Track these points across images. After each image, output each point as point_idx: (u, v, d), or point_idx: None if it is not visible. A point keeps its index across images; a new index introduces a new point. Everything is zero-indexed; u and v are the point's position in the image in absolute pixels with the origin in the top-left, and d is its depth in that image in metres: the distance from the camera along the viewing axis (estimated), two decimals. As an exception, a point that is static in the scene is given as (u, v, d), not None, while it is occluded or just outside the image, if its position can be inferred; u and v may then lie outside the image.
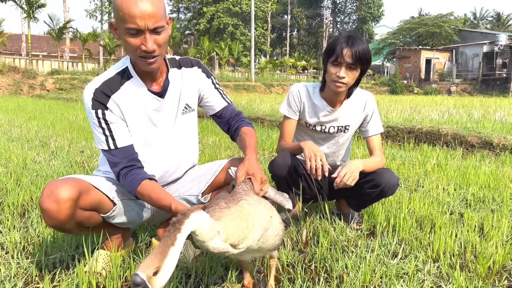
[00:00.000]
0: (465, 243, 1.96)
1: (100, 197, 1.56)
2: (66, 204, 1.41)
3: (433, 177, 3.28)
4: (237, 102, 12.01)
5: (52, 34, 25.96)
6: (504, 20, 52.75)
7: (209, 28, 38.71)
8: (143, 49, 1.44)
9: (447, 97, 23.49)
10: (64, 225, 1.46)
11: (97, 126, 1.56)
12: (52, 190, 1.41)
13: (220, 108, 1.83)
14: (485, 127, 6.02)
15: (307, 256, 1.83)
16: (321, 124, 2.21)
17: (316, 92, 2.19)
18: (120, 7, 1.40)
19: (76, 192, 1.44)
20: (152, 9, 1.41)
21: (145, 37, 1.43)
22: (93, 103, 1.54)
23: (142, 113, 1.63)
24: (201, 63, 1.80)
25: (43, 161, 3.73)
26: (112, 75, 1.60)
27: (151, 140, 1.67)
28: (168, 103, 1.67)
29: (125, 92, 1.59)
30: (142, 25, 1.40)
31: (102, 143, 1.56)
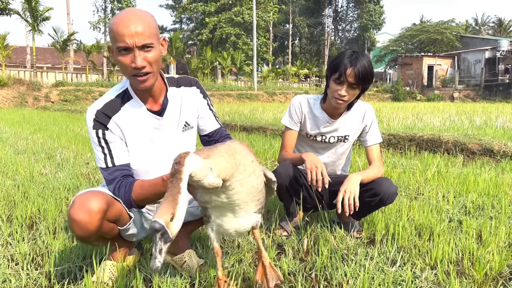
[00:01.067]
0: (463, 250, 2.00)
1: (121, 209, 1.63)
2: (97, 215, 1.48)
3: (433, 185, 3.33)
4: (240, 111, 12.10)
5: (56, 46, 26.26)
6: (505, 26, 52.82)
7: (212, 38, 39.00)
8: (133, 67, 1.51)
9: (450, 103, 23.51)
10: (91, 236, 1.52)
11: (97, 145, 1.63)
12: (83, 202, 1.48)
13: (211, 130, 1.88)
14: (487, 134, 6.05)
15: (307, 265, 1.88)
16: (322, 135, 2.27)
17: (317, 104, 2.25)
18: (112, 29, 1.50)
19: (106, 204, 1.51)
20: (141, 28, 1.48)
21: (134, 54, 1.50)
22: (94, 123, 1.63)
23: (142, 132, 1.69)
24: (199, 83, 1.87)
25: (50, 174, 3.80)
26: (113, 97, 1.68)
27: (152, 158, 1.73)
28: (167, 121, 1.73)
29: (125, 113, 1.66)
30: (131, 43, 1.48)
31: (101, 161, 1.63)
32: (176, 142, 1.77)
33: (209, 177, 1.20)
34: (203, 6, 39.19)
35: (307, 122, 2.27)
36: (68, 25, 30.95)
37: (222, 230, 1.48)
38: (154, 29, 1.54)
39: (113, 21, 1.51)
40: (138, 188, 1.56)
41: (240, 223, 1.46)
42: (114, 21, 1.51)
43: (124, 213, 1.66)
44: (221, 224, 1.46)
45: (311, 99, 2.29)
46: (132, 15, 1.50)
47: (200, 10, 39.69)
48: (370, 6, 46.95)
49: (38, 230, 2.28)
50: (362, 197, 2.07)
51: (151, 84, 1.60)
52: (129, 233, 1.75)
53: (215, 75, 32.45)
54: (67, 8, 31.52)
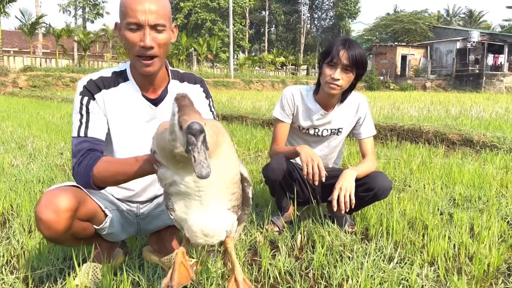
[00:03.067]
0: (458, 245, 1.97)
1: (96, 207, 1.50)
2: (66, 214, 1.35)
3: (419, 176, 3.31)
4: (218, 99, 11.92)
5: (24, 29, 25.18)
6: (476, 17, 54.13)
7: (187, 23, 38.29)
8: (141, 45, 1.41)
9: (423, 92, 23.97)
10: (61, 236, 1.39)
11: (77, 112, 1.50)
12: (51, 199, 1.35)
13: None
14: (464, 124, 6.15)
15: (303, 263, 1.81)
16: (315, 127, 2.18)
17: (309, 95, 2.16)
18: (123, 2, 1.40)
19: (76, 202, 1.38)
20: (155, 6, 1.40)
21: (144, 32, 1.40)
22: (83, 89, 1.52)
23: (131, 117, 1.56)
24: (204, 83, 1.76)
25: (21, 165, 3.59)
26: (109, 74, 1.57)
27: (140, 150, 1.55)
28: (161, 113, 1.60)
29: (117, 91, 1.55)
30: (143, 20, 1.38)
31: (74, 130, 1.49)
32: None
33: None
34: (178, -9, 38.37)
35: (299, 114, 2.18)
36: (36, 8, 29.73)
37: (186, 230, 1.21)
38: (168, 10, 1.46)
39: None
40: (104, 163, 1.38)
41: (208, 220, 1.17)
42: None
43: (99, 211, 1.54)
44: (185, 219, 1.18)
45: (304, 90, 2.20)
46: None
47: (174, -6, 38.84)
48: (346, -6, 47.13)
49: (12, 228, 2.12)
50: (356, 192, 2.00)
51: (155, 70, 1.49)
52: (106, 233, 1.62)
53: (191, 62, 31.91)
54: (35, -10, 30.20)
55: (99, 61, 27.36)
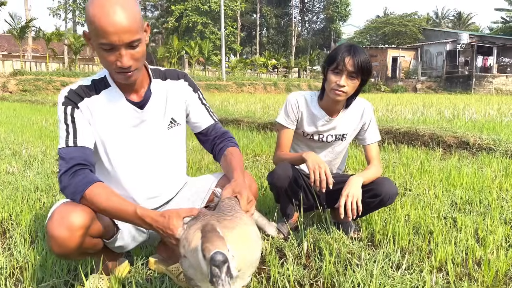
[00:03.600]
0: (466, 251, 1.97)
1: (108, 222, 1.47)
2: (79, 232, 1.31)
3: (419, 180, 3.32)
4: (211, 102, 11.88)
5: (14, 33, 24.90)
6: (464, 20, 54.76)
7: (178, 26, 38.20)
8: (118, 65, 1.35)
9: (415, 95, 24.14)
10: (71, 253, 1.35)
11: (62, 123, 1.45)
12: (63, 216, 1.30)
13: (206, 126, 1.72)
14: (458, 126, 6.19)
15: (312, 271, 1.79)
16: (319, 133, 2.17)
17: (314, 101, 2.15)
18: (92, 20, 1.29)
19: (89, 219, 1.34)
20: (127, 23, 1.29)
21: (120, 53, 1.33)
22: (65, 100, 1.46)
23: (119, 124, 1.52)
24: (188, 76, 1.71)
25: (17, 172, 3.53)
26: (89, 82, 1.51)
27: (131, 156, 1.55)
28: (148, 115, 1.56)
29: (101, 99, 1.49)
30: (117, 41, 1.30)
31: (62, 141, 1.43)
32: (161, 140, 1.61)
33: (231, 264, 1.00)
34: (169, -6, 38.28)
35: (304, 120, 2.17)
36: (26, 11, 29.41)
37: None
38: (139, 20, 1.36)
39: (93, 11, 1.29)
40: (102, 193, 1.34)
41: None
42: (94, 11, 1.28)
43: (111, 226, 1.50)
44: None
45: (308, 96, 2.19)
46: (117, 7, 1.28)
47: (165, -3, 38.76)
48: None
49: (12, 239, 2.08)
50: (362, 198, 1.99)
51: (136, 78, 1.45)
52: (116, 245, 1.59)
53: (182, 65, 31.82)
54: (24, -7, 29.91)
55: (90, 65, 27.16)
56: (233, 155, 1.63)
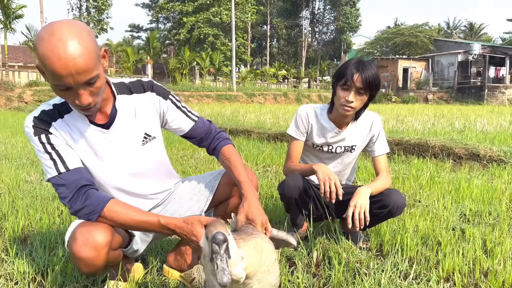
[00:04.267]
0: (473, 262, 2.00)
1: (123, 233, 1.54)
2: (104, 249, 1.36)
3: (428, 191, 3.35)
4: (222, 113, 12.01)
5: (30, 44, 25.52)
6: (476, 30, 54.51)
7: (190, 38, 38.68)
8: (77, 104, 1.29)
9: (426, 105, 24.04)
10: (99, 270, 1.41)
11: (43, 153, 1.40)
12: (87, 237, 1.33)
13: (188, 129, 1.68)
14: (469, 137, 6.18)
15: (321, 280, 1.84)
16: (328, 145, 2.24)
17: (324, 114, 2.22)
18: (43, 61, 1.19)
19: (110, 235, 1.39)
20: (82, 63, 1.20)
21: (77, 92, 1.26)
22: (35, 130, 1.41)
23: (86, 147, 1.48)
24: (154, 85, 1.61)
25: (35, 181, 3.65)
26: (51, 107, 1.46)
27: (103, 176, 1.53)
28: (116, 134, 1.51)
29: (65, 123, 1.45)
30: (72, 82, 1.22)
31: (50, 169, 1.39)
32: (135, 157, 1.57)
33: (238, 267, 1.09)
34: (181, 6, 38.85)
35: (313, 132, 2.23)
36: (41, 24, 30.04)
37: None
38: (95, 54, 1.25)
39: (43, 50, 1.18)
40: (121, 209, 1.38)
41: None
42: (44, 51, 1.18)
43: (125, 235, 1.57)
44: None
45: (318, 108, 2.26)
46: (68, 46, 1.18)
47: (177, 9, 39.33)
48: (347, 8, 47.66)
49: (33, 245, 2.16)
50: (370, 209, 2.03)
51: (97, 109, 1.39)
52: (132, 251, 1.67)
53: (193, 75, 32.18)
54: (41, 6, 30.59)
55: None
56: (230, 160, 1.63)
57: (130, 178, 1.59)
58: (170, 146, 5.99)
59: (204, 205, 1.74)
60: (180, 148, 5.90)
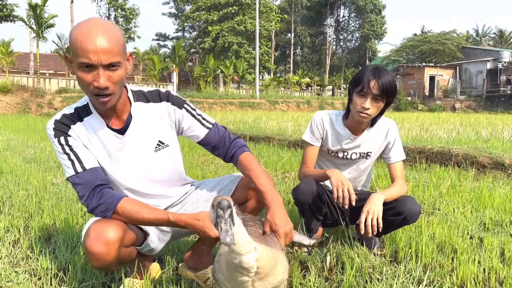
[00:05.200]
0: (488, 270, 1.97)
1: (137, 231, 1.60)
2: (115, 245, 1.42)
3: (449, 200, 3.31)
4: (244, 120, 12.10)
5: (60, 53, 26.43)
6: (507, 37, 53.10)
7: (214, 46, 39.18)
8: (95, 85, 1.39)
9: (453, 114, 23.53)
10: (110, 266, 1.48)
11: (62, 154, 1.52)
12: (99, 232, 1.41)
13: (203, 136, 1.73)
14: (495, 146, 6.03)
15: (333, 284, 1.86)
16: (343, 151, 2.26)
17: (339, 120, 2.24)
18: (75, 41, 1.36)
19: (122, 232, 1.46)
20: (108, 44, 1.36)
21: (98, 72, 1.37)
22: (55, 132, 1.53)
23: (102, 150, 1.58)
24: (170, 95, 1.69)
25: (61, 184, 3.79)
26: (72, 111, 1.58)
27: (115, 180, 1.62)
28: (130, 139, 1.60)
29: (84, 126, 1.56)
30: (95, 60, 1.35)
31: (69, 169, 1.50)
32: (147, 163, 1.65)
33: (250, 255, 1.15)
34: (206, 15, 39.42)
35: (328, 138, 2.26)
36: (71, 32, 31.09)
37: None
38: (122, 45, 1.42)
39: (75, 32, 1.37)
40: (133, 206, 1.47)
41: None
42: (76, 31, 1.36)
43: (140, 233, 1.63)
44: None
45: (333, 115, 2.28)
46: (99, 28, 1.36)
47: (203, 18, 39.92)
48: (372, 16, 47.31)
49: (57, 243, 2.26)
50: (385, 216, 2.04)
51: (112, 104, 1.48)
52: (147, 249, 1.72)
53: (217, 83, 32.54)
54: (71, 16, 31.67)
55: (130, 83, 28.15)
56: (250, 166, 1.65)
57: (143, 181, 1.67)
58: (192, 152, 6.09)
59: None
60: (201, 153, 5.99)
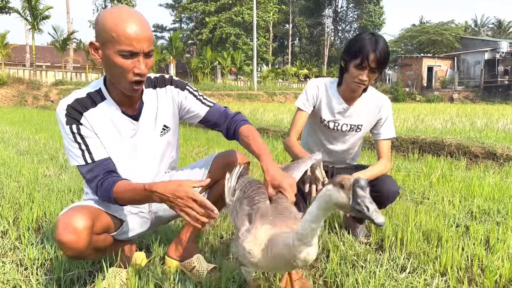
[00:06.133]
0: (471, 257, 2.00)
1: (109, 218, 1.61)
2: (83, 233, 1.43)
3: (438, 189, 3.33)
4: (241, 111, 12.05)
5: (56, 45, 26.22)
6: (505, 27, 52.93)
7: (212, 37, 38.98)
8: (136, 72, 1.44)
9: (450, 105, 23.55)
10: (83, 253, 1.49)
11: (72, 142, 1.53)
12: (67, 222, 1.43)
13: (204, 114, 1.79)
14: (489, 136, 6.06)
15: (317, 271, 1.88)
16: (335, 121, 2.27)
17: (333, 88, 2.26)
18: (113, 28, 1.39)
19: (90, 220, 1.47)
20: (148, 32, 1.43)
21: (139, 60, 1.44)
22: (67, 118, 1.53)
23: (116, 135, 1.61)
24: (173, 79, 1.77)
25: (53, 175, 3.79)
26: (84, 95, 1.58)
27: (126, 163, 1.65)
28: (143, 125, 1.66)
29: (98, 112, 1.57)
30: (138, 48, 1.41)
31: (78, 158, 1.54)
32: (154, 147, 1.72)
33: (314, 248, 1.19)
34: (203, 6, 39.18)
35: (322, 105, 2.27)
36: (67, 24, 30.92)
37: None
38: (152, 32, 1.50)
39: (111, 19, 1.40)
40: (122, 188, 1.50)
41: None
42: (112, 19, 1.40)
43: (114, 221, 1.64)
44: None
45: (328, 82, 2.29)
46: (135, 17, 1.42)
47: (200, 9, 39.69)
48: (370, 6, 47.03)
49: (45, 234, 2.28)
50: None
51: (141, 89, 1.55)
52: (124, 237, 1.76)
53: (215, 75, 32.41)
54: (67, 7, 31.50)
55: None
56: (249, 137, 1.69)
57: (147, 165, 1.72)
58: (186, 144, 6.10)
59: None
60: (196, 145, 6.00)
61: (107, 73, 1.53)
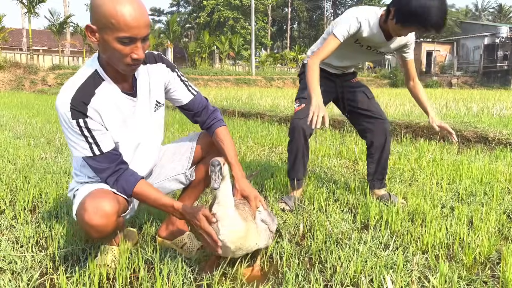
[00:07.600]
0: (453, 236, 2.06)
1: (125, 201, 1.65)
2: (113, 217, 1.51)
3: (428, 172, 3.39)
4: (238, 96, 12.09)
5: (53, 29, 26.01)
6: (506, 12, 52.54)
7: (210, 21, 38.68)
8: (134, 58, 1.47)
9: (447, 90, 23.54)
10: (108, 235, 1.57)
11: (79, 135, 1.53)
12: (97, 206, 1.47)
13: (187, 101, 1.84)
14: (483, 121, 6.10)
15: (303, 249, 1.94)
16: (371, 46, 2.46)
17: (376, 24, 2.33)
18: (113, 15, 1.39)
19: (117, 204, 1.54)
20: (146, 19, 1.45)
21: (137, 45, 1.46)
22: (73, 113, 1.50)
23: (119, 116, 1.63)
24: (163, 57, 1.79)
25: (49, 158, 3.84)
26: (83, 80, 1.56)
27: (127, 141, 1.69)
28: (140, 101, 1.69)
29: (100, 96, 1.57)
30: (137, 34, 1.43)
31: (85, 151, 1.55)
32: (150, 123, 1.75)
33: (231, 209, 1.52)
34: (201, -11, 38.77)
35: (362, 35, 2.35)
36: (64, 8, 30.60)
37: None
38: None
39: (113, 6, 1.39)
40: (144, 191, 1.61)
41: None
42: (111, 5, 1.39)
43: (125, 202, 1.69)
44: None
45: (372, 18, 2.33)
46: (135, 3, 1.42)
47: (198, -8, 39.27)
48: (370, -10, 46.59)
49: (41, 214, 2.34)
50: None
51: (137, 69, 1.58)
52: (128, 215, 1.81)
53: (213, 59, 32.28)
54: (63, -10, 31.09)
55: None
56: (224, 141, 1.82)
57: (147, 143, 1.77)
58: (182, 128, 6.14)
59: (187, 164, 1.90)
60: (192, 130, 6.04)
61: (104, 55, 1.53)
